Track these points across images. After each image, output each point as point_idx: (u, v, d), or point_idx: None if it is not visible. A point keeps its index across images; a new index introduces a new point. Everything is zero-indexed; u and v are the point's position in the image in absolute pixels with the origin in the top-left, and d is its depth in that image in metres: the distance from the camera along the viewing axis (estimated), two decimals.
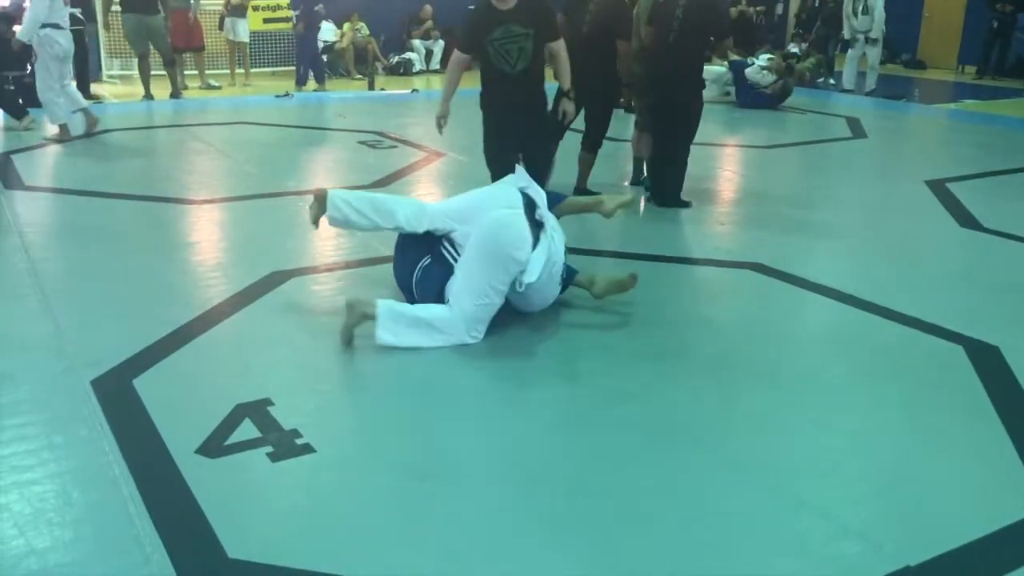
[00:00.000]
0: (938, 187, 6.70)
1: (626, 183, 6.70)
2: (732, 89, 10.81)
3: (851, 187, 6.98)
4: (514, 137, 4.85)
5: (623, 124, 7.19)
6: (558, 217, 3.96)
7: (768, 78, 10.42)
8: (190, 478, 2.72)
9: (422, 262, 3.80)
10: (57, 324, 3.88)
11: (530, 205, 3.74)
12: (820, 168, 7.82)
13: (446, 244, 3.83)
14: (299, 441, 2.94)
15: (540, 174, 4.81)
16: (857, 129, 9.37)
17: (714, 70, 10.28)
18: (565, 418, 3.16)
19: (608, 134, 6.20)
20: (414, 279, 3.82)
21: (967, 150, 8.53)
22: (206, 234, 5.43)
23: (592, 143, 6.10)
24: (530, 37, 4.56)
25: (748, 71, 10.53)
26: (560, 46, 4.79)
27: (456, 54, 4.81)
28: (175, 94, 10.59)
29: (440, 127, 4.90)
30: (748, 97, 10.57)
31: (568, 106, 4.96)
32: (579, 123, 6.10)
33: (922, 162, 8.23)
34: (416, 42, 14.12)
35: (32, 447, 2.89)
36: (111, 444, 2.90)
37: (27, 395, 3.25)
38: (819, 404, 3.30)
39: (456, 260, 3.73)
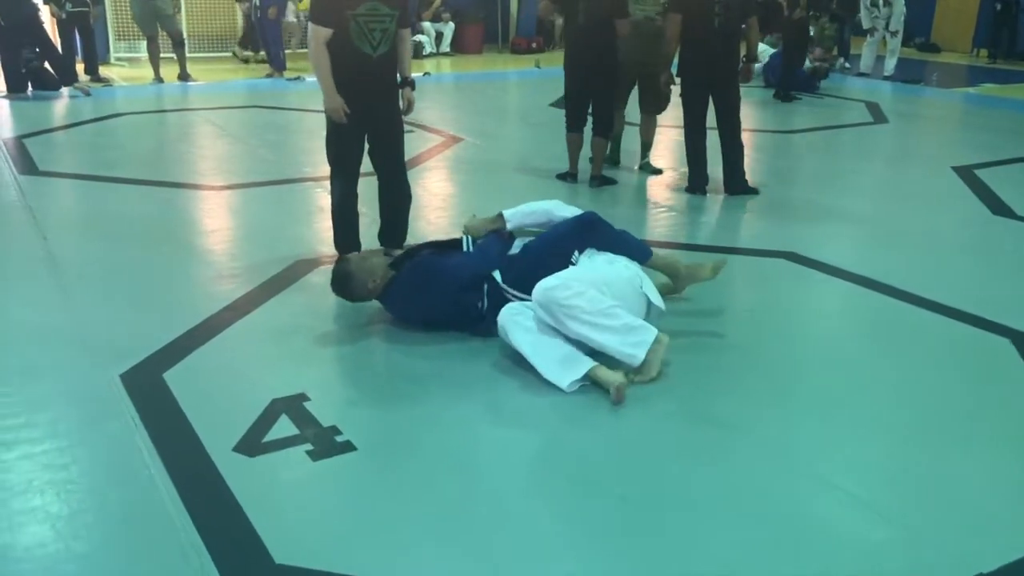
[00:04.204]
0: (966, 173, 6.59)
1: (635, 166, 6.61)
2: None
3: (877, 173, 6.87)
4: (364, 125, 4.23)
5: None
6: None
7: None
8: (229, 478, 2.63)
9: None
10: (79, 315, 3.79)
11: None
12: (844, 154, 7.69)
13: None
14: (339, 438, 2.85)
15: (395, 165, 4.41)
16: (877, 114, 9.24)
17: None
18: (603, 411, 3.05)
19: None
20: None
21: (991, 135, 8.40)
22: (225, 221, 5.33)
23: (603, 128, 6.01)
24: (394, 19, 4.09)
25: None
26: (408, 33, 4.31)
27: (316, 31, 4.04)
28: (183, 76, 10.45)
29: (342, 116, 4.13)
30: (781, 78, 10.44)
31: (411, 95, 4.38)
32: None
33: (947, 148, 8.11)
34: (426, 24, 13.95)
35: (64, 444, 2.81)
36: (145, 441, 2.82)
37: (55, 389, 3.16)
38: (865, 398, 3.21)
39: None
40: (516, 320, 3.26)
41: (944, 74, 12.49)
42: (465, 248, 3.71)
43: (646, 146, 6.60)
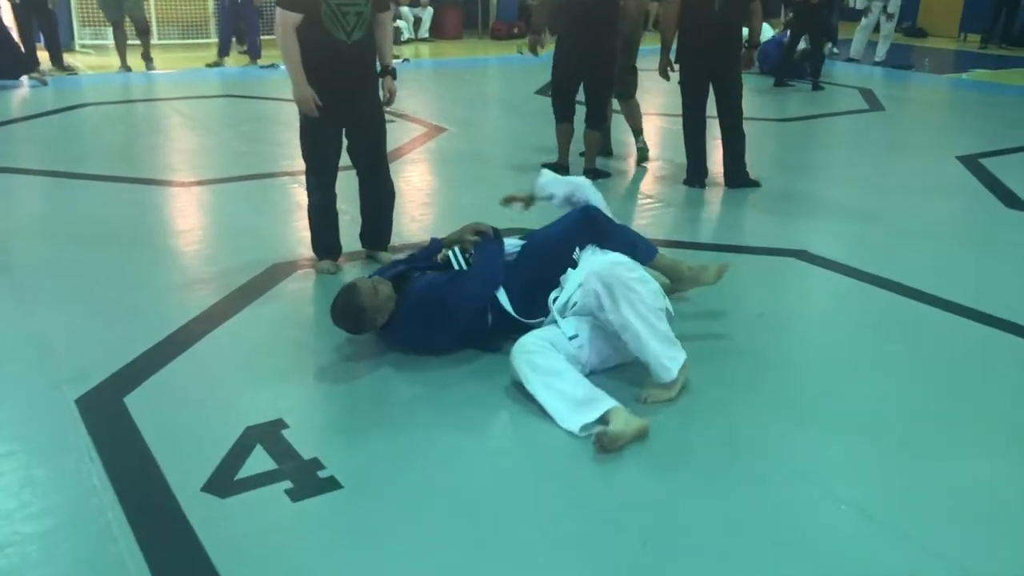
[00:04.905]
0: (972, 163, 6.35)
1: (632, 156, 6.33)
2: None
3: (881, 164, 6.60)
4: (342, 121, 3.89)
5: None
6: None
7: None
8: (197, 524, 2.31)
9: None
10: (35, 328, 3.45)
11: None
12: (844, 143, 7.44)
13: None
14: (321, 474, 2.54)
15: (376, 160, 4.05)
16: (872, 101, 8.99)
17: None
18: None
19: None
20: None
21: (990, 123, 8.17)
22: (196, 221, 4.97)
23: (596, 119, 5.70)
24: (370, 2, 3.73)
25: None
26: (388, 17, 3.95)
27: (284, 16, 3.66)
28: (145, 56, 10.01)
29: (313, 108, 3.78)
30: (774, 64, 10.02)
31: (392, 85, 4.01)
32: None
33: (947, 136, 7.87)
34: (404, 9, 13.55)
35: (8, 483, 2.48)
36: (102, 480, 2.49)
37: (2, 417, 2.83)
38: (890, 412, 2.95)
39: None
40: (530, 360, 2.90)
41: (933, 59, 12.27)
42: (457, 268, 3.31)
43: (636, 132, 6.30)
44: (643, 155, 6.27)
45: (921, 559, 2.24)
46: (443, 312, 3.18)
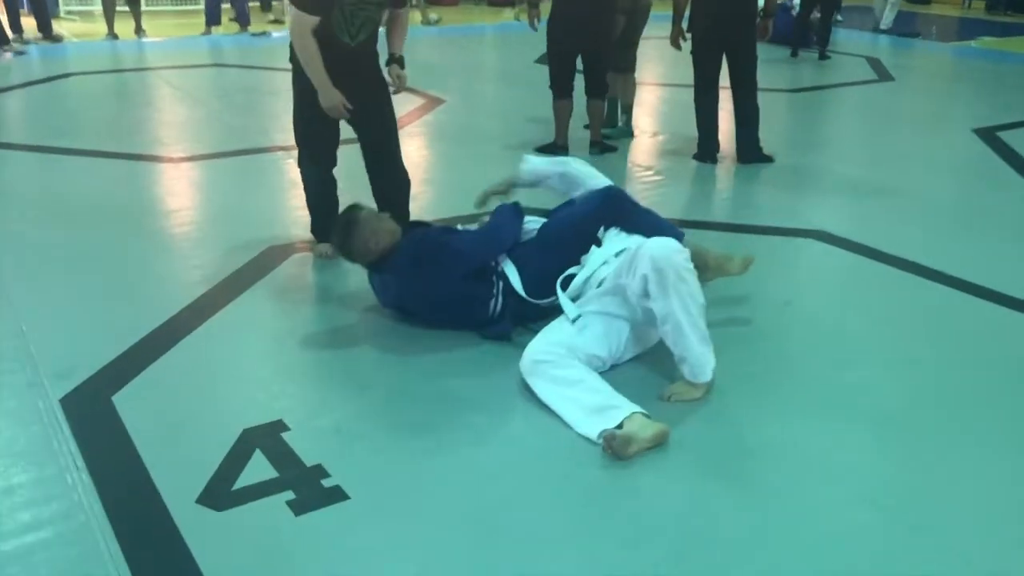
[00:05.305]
0: (989, 136, 6.14)
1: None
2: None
3: (895, 137, 6.39)
4: (349, 120, 3.77)
5: None
6: None
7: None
8: (192, 541, 2.13)
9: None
10: (14, 319, 3.24)
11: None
12: (855, 115, 7.22)
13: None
14: (326, 482, 2.35)
15: (387, 152, 3.91)
16: (881, 70, 8.75)
17: None
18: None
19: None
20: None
21: (1003, 93, 7.96)
22: (187, 200, 4.75)
23: (598, 88, 5.46)
24: (382, 6, 3.66)
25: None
26: (405, 12, 3.88)
27: (302, 18, 3.51)
28: (138, 29, 9.71)
29: (343, 111, 3.64)
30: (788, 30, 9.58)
31: (402, 72, 3.89)
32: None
33: (961, 107, 7.63)
34: None
35: None
36: (88, 490, 2.31)
37: None
38: (929, 413, 2.76)
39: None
40: (544, 371, 2.71)
41: (939, 27, 12.01)
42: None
43: (625, 108, 6.06)
44: (622, 133, 6.00)
45: (952, 563, 2.10)
46: (438, 258, 3.06)
